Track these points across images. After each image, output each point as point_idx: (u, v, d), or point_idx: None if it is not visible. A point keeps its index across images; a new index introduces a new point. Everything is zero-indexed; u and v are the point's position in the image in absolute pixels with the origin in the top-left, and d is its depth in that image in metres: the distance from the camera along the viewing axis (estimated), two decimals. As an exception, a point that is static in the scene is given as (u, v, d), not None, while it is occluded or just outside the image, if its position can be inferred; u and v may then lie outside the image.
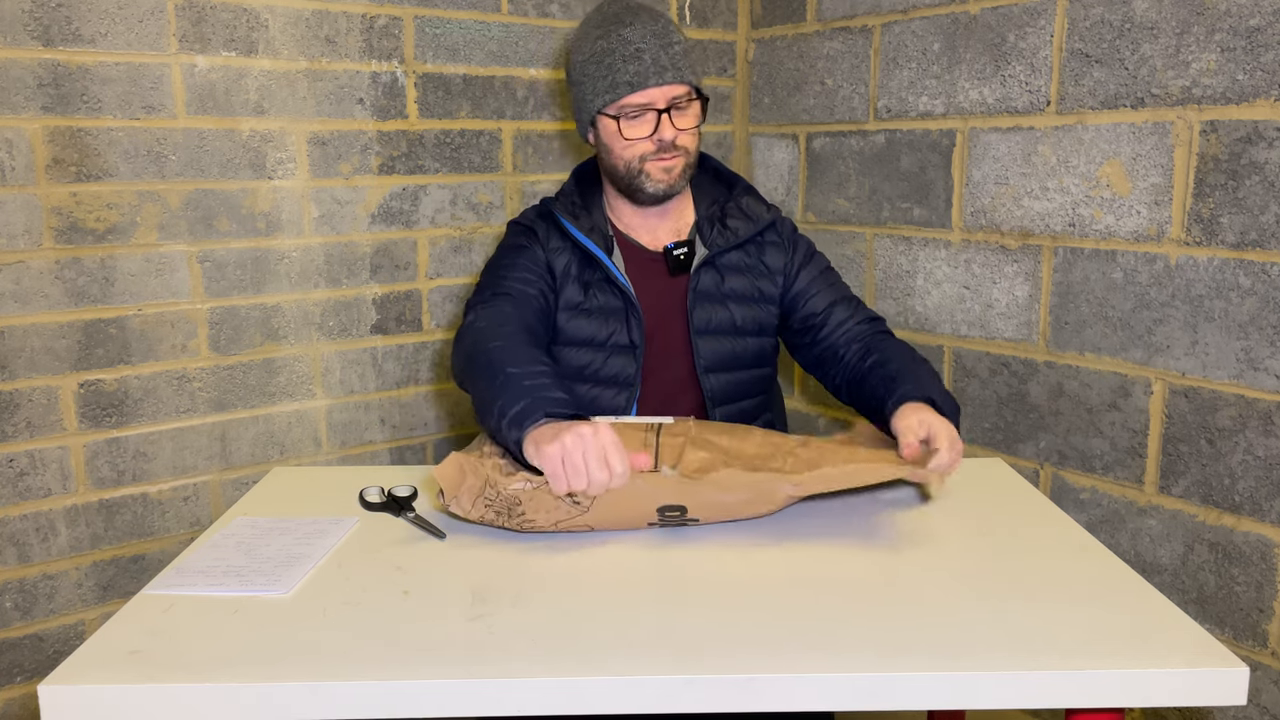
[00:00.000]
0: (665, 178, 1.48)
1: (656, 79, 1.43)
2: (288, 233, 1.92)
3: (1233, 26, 1.60)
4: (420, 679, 0.87)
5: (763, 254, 1.58)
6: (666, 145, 1.46)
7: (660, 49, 1.44)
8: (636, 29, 1.44)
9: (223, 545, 1.16)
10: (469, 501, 1.13)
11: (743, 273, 1.56)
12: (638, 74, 1.43)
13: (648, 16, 1.47)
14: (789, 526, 1.19)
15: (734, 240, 1.54)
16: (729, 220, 1.57)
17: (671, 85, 1.44)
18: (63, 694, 0.86)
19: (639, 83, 1.43)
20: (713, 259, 1.54)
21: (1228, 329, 1.65)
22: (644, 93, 1.44)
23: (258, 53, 1.83)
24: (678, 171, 1.49)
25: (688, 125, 1.48)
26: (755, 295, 1.56)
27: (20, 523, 1.70)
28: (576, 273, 1.52)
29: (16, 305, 1.66)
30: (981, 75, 1.97)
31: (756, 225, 1.56)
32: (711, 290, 1.54)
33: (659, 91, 1.44)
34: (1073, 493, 1.91)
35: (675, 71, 1.44)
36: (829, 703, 0.88)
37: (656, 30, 1.45)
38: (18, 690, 1.74)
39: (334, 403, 2.02)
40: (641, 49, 1.43)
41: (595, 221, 1.55)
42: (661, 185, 1.49)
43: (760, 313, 1.56)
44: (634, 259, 1.55)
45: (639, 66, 1.43)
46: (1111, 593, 1.02)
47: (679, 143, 1.47)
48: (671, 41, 1.45)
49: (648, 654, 0.91)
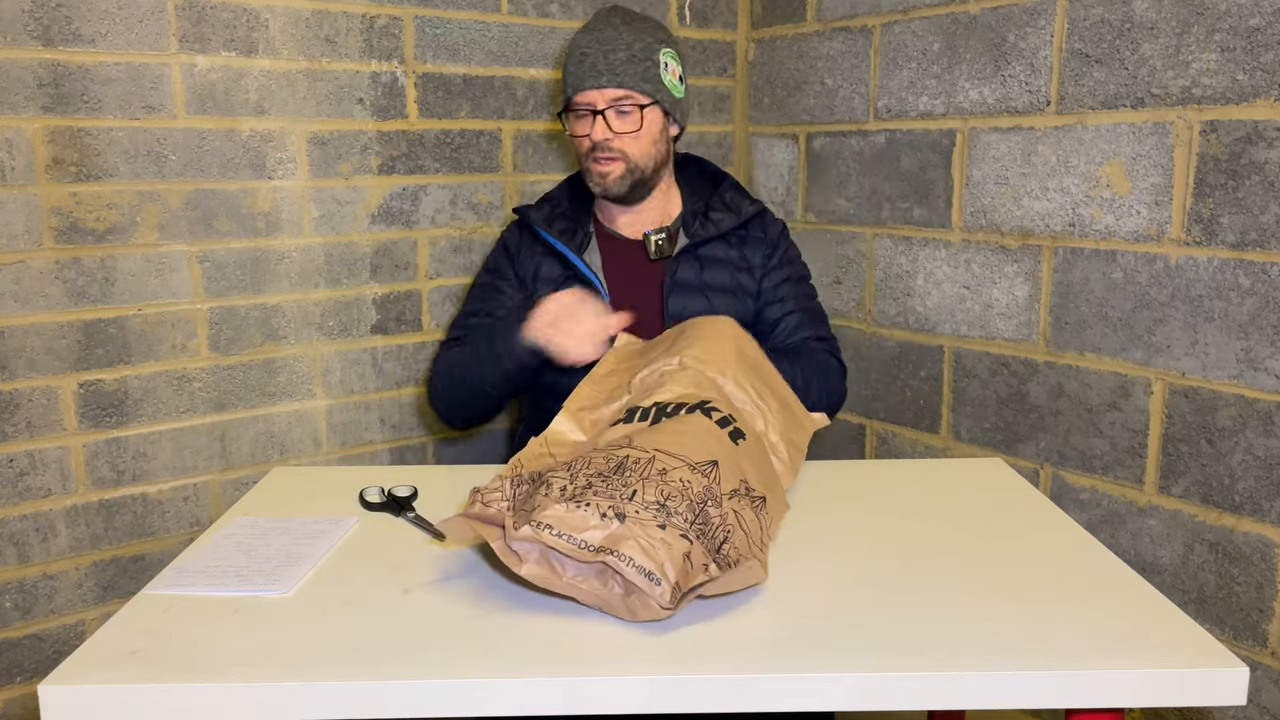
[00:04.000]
0: (601, 181, 1.58)
1: (593, 81, 1.54)
2: (288, 233, 1.92)
3: (1233, 26, 1.60)
4: (420, 679, 0.87)
5: (744, 247, 1.63)
6: (600, 145, 1.55)
7: (601, 55, 1.54)
8: (593, 34, 1.56)
9: (223, 545, 1.15)
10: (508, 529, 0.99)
11: (724, 264, 1.61)
12: (577, 75, 1.55)
13: (608, 24, 1.57)
14: (788, 526, 1.19)
15: (715, 231, 1.60)
16: (712, 213, 1.63)
17: (609, 89, 1.53)
18: (63, 694, 0.86)
19: (577, 84, 1.55)
20: (694, 248, 1.60)
21: (1228, 329, 1.65)
22: (584, 94, 1.55)
23: (258, 53, 1.83)
24: (614, 176, 1.57)
25: (625, 129, 1.55)
26: (734, 288, 1.60)
27: (20, 523, 1.70)
28: (548, 273, 1.62)
29: (16, 305, 1.66)
30: (981, 75, 1.97)
31: (739, 218, 1.62)
32: (690, 279, 1.58)
33: (597, 94, 1.54)
34: (1073, 493, 1.91)
35: (612, 76, 1.53)
36: (829, 703, 0.88)
37: (605, 37, 1.55)
38: (18, 690, 1.74)
39: (334, 403, 2.02)
40: (586, 53, 1.55)
41: (576, 220, 1.65)
42: (599, 186, 1.59)
43: (738, 305, 1.60)
44: (615, 250, 1.64)
45: (580, 69, 1.55)
46: (1111, 593, 1.02)
47: (614, 145, 1.55)
48: (617, 48, 1.54)
49: (647, 653, 0.91)
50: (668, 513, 0.97)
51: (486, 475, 1.37)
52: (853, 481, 1.39)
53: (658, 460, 1.03)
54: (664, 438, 1.07)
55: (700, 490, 1.01)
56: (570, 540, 0.94)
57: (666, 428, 1.10)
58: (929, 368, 2.15)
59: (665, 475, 1.01)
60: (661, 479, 1.01)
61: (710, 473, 1.04)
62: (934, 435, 2.16)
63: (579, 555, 0.94)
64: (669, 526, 0.95)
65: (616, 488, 0.99)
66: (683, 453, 1.05)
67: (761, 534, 1.05)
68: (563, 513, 0.96)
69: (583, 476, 1.01)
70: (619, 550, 0.93)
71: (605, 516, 0.95)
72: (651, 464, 1.03)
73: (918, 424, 2.19)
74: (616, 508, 0.96)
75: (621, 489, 0.99)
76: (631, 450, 1.05)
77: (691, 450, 1.06)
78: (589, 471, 1.02)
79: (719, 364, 1.25)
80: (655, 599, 0.92)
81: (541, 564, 0.97)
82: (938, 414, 2.14)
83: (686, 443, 1.07)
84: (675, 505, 0.98)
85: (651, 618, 0.94)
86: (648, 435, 1.09)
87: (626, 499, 0.98)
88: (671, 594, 0.92)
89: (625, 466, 1.02)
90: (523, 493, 1.04)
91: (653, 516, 0.96)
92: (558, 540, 0.94)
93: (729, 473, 1.06)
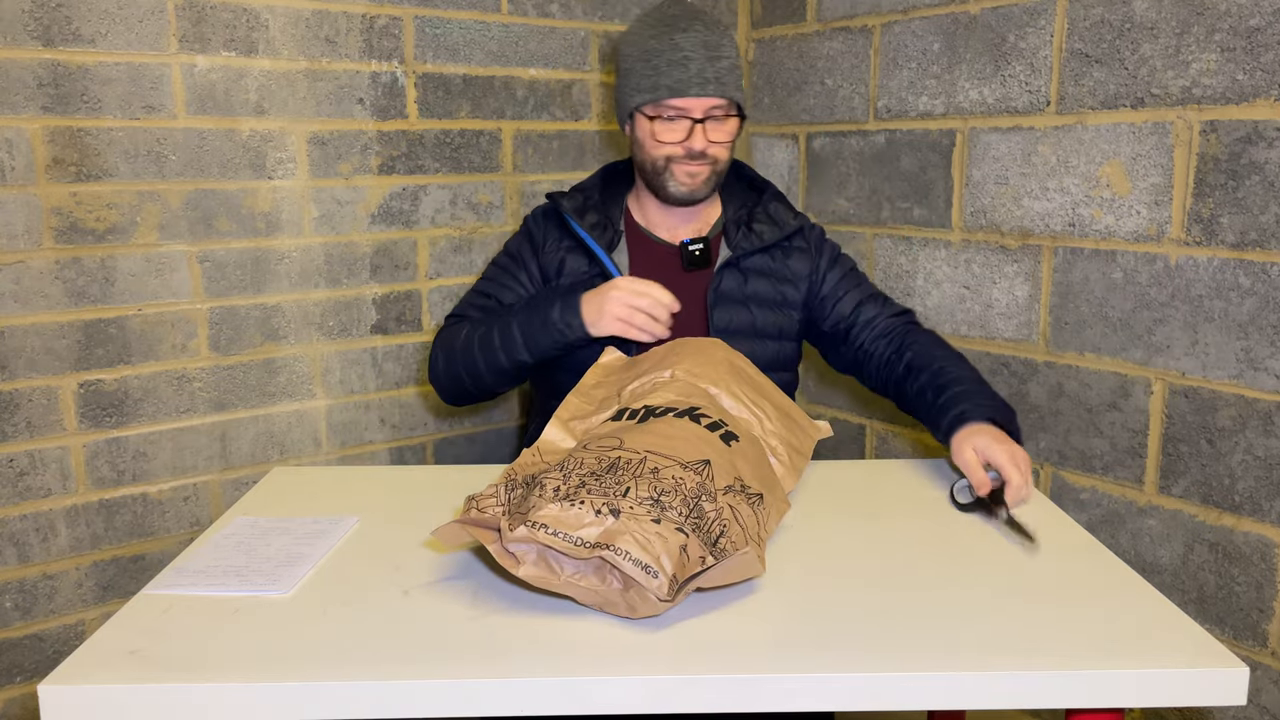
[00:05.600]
0: (689, 182, 1.51)
1: (699, 89, 1.45)
2: (288, 233, 1.92)
3: (1233, 26, 1.60)
4: (420, 679, 0.87)
5: (788, 259, 1.59)
6: (695, 154, 1.48)
7: (708, 60, 1.46)
8: (690, 36, 1.47)
9: (223, 545, 1.15)
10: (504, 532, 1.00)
11: (766, 276, 1.57)
12: (681, 80, 1.45)
13: (703, 26, 1.48)
14: (788, 526, 1.19)
15: (759, 244, 1.56)
16: (755, 224, 1.57)
17: (712, 98, 1.46)
18: (63, 694, 0.86)
19: (680, 89, 1.46)
20: (737, 260, 1.55)
21: (1228, 329, 1.65)
22: (683, 100, 1.46)
23: (258, 53, 1.83)
24: (702, 179, 1.51)
25: (721, 138, 1.50)
26: (778, 299, 1.57)
27: (20, 523, 1.70)
28: (573, 267, 1.55)
29: (16, 305, 1.66)
30: (981, 75, 1.97)
31: (783, 231, 1.58)
32: (734, 291, 1.54)
33: (697, 101, 1.46)
34: (1073, 493, 1.91)
35: (718, 85, 1.46)
36: (829, 703, 0.88)
37: (709, 41, 1.46)
38: (18, 690, 1.74)
39: (334, 403, 2.02)
40: (690, 56, 1.45)
41: (608, 215, 1.58)
42: (684, 190, 1.52)
43: (781, 318, 1.57)
44: (646, 253, 1.57)
45: (683, 74, 1.45)
46: (1111, 593, 1.02)
47: (709, 153, 1.49)
48: (721, 55, 1.47)
49: (647, 653, 0.91)
50: (662, 507, 0.97)
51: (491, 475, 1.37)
52: (853, 481, 1.39)
53: (649, 460, 1.03)
54: (654, 439, 1.08)
55: (694, 486, 1.02)
56: (566, 538, 0.94)
57: (656, 429, 1.10)
58: (929, 368, 2.15)
59: (658, 474, 1.02)
60: (654, 477, 1.01)
61: (703, 470, 1.05)
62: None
63: (576, 553, 0.94)
64: (664, 521, 0.96)
65: (610, 485, 0.99)
66: (674, 453, 1.06)
67: (759, 529, 1.05)
68: (557, 511, 0.96)
69: (575, 476, 1.02)
70: (615, 545, 0.93)
71: (600, 513, 0.96)
72: (644, 464, 1.03)
73: (917, 424, 2.19)
74: (611, 504, 0.97)
75: (615, 486, 0.99)
76: (623, 452, 1.05)
77: (682, 451, 1.06)
78: (581, 471, 1.02)
79: (711, 376, 1.25)
80: (653, 591, 0.93)
81: (539, 564, 0.97)
82: (938, 414, 2.14)
83: (677, 445, 1.07)
84: (669, 500, 0.98)
85: (650, 612, 0.94)
86: (637, 436, 1.09)
87: (620, 495, 0.98)
88: (669, 586, 0.92)
89: (618, 466, 1.02)
90: (517, 496, 1.04)
91: (647, 511, 0.96)
92: (554, 539, 0.94)
93: (722, 471, 1.06)
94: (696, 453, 1.07)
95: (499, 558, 0.97)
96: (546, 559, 0.98)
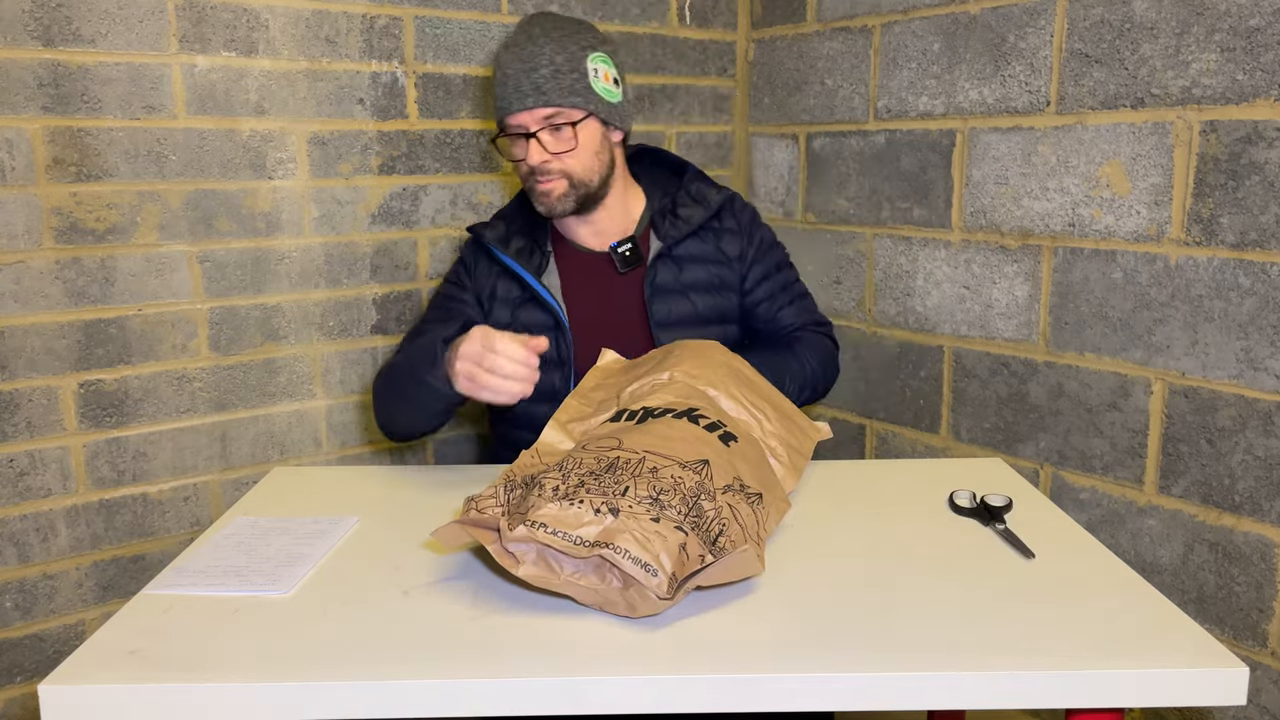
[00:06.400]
0: (546, 200, 1.49)
1: (519, 103, 1.43)
2: (288, 233, 1.92)
3: (1233, 26, 1.60)
4: (420, 679, 0.87)
5: (720, 241, 1.57)
6: (537, 169, 1.46)
7: (524, 73, 1.43)
8: (509, 52, 1.45)
9: (223, 545, 1.15)
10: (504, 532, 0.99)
11: (701, 262, 1.55)
12: (503, 98, 1.45)
13: (529, 38, 1.45)
14: (788, 526, 1.19)
15: (687, 229, 1.54)
16: (680, 209, 1.56)
17: (540, 108, 1.43)
18: (63, 694, 0.86)
19: (505, 107, 1.45)
20: (669, 250, 1.54)
21: (1228, 329, 1.65)
22: (513, 116, 1.45)
23: (258, 53, 1.83)
24: (557, 195, 1.48)
25: (560, 149, 1.46)
26: (715, 283, 1.56)
27: (20, 523, 1.70)
28: (504, 293, 1.54)
29: (16, 305, 1.66)
30: (981, 75, 1.97)
31: (708, 209, 1.55)
32: (670, 283, 1.53)
33: (528, 115, 1.44)
34: (1073, 493, 1.91)
35: (538, 95, 1.42)
36: (829, 703, 0.88)
37: (526, 54, 1.43)
38: (18, 690, 1.74)
39: (334, 403, 2.02)
40: (508, 73, 1.44)
41: (533, 238, 1.55)
42: (543, 207, 1.50)
43: (722, 301, 1.56)
44: (577, 267, 1.55)
45: (504, 90, 1.45)
46: (1111, 593, 1.02)
47: (553, 166, 1.46)
48: (537, 65, 1.42)
49: (647, 653, 0.91)
50: (661, 506, 0.98)
51: (491, 475, 1.37)
52: (853, 481, 1.39)
53: (648, 460, 1.04)
54: (652, 440, 1.08)
55: (693, 485, 1.02)
56: (565, 537, 0.95)
57: (655, 430, 1.10)
58: (929, 368, 2.15)
59: (657, 473, 1.02)
60: (653, 476, 1.01)
61: (702, 470, 1.05)
62: (934, 435, 2.16)
63: (575, 551, 0.94)
64: (663, 519, 0.96)
65: (609, 485, 1.00)
66: (672, 453, 1.06)
67: (758, 528, 1.05)
68: (557, 511, 0.96)
69: (574, 476, 1.02)
70: (614, 543, 0.93)
71: (599, 512, 0.96)
72: (642, 464, 1.03)
73: (917, 424, 2.19)
74: (610, 503, 0.97)
75: (614, 486, 0.99)
76: (621, 452, 1.06)
77: (681, 451, 1.07)
78: (580, 471, 1.03)
79: (710, 378, 1.26)
80: (652, 590, 0.93)
81: (539, 564, 0.97)
82: (937, 414, 2.14)
83: (676, 446, 1.07)
84: (668, 499, 0.99)
85: (650, 611, 0.94)
86: (636, 436, 1.09)
87: (619, 495, 0.98)
88: (668, 584, 0.93)
89: (616, 466, 1.03)
90: (516, 496, 1.04)
91: (646, 510, 0.96)
92: (553, 538, 0.94)
93: (721, 471, 1.07)
94: (695, 453, 1.07)
95: (499, 558, 0.97)
96: (546, 558, 0.98)
